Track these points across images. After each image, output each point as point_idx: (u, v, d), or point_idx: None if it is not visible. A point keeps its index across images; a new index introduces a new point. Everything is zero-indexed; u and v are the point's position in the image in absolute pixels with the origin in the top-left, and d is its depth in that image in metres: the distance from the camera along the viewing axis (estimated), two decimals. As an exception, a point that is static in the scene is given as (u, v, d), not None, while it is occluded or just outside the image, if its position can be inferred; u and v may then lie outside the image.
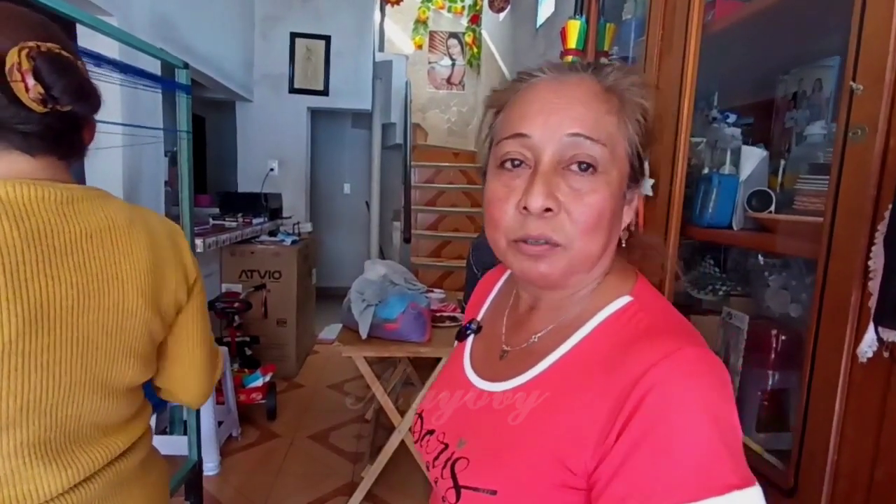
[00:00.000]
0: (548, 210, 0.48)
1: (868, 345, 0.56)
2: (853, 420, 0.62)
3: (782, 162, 1.08)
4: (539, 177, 0.48)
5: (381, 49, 5.50)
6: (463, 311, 2.51)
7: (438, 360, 2.16)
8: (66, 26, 1.56)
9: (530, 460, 0.48)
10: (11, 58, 0.60)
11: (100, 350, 0.68)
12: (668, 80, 1.04)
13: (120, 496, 0.74)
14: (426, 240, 4.42)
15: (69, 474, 0.66)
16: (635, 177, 0.53)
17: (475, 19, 6.24)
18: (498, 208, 0.51)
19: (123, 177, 2.27)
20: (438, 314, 2.44)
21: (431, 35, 6.66)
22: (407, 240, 3.51)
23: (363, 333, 2.07)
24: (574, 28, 1.47)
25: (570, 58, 1.45)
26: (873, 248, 0.55)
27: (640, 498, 0.41)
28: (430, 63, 6.71)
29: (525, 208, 0.48)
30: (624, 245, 0.55)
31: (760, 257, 1.08)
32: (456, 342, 0.70)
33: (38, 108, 0.62)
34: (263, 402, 2.87)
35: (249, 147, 4.39)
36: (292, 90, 4.34)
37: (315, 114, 4.63)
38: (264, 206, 3.74)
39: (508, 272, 0.70)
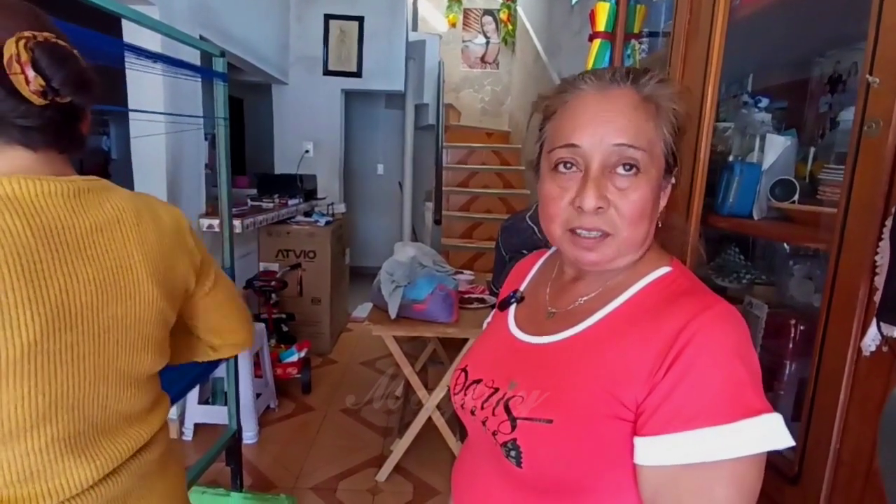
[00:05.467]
0: (599, 208, 0.56)
1: (871, 339, 0.57)
2: (856, 411, 0.63)
3: (812, 149, 1.06)
4: (590, 181, 0.56)
5: (415, 28, 5.48)
6: (491, 293, 2.55)
7: (466, 340, 2.21)
8: (112, 20, 1.64)
9: (585, 394, 0.55)
10: (9, 49, 0.58)
11: (120, 342, 0.69)
12: (693, 66, 1.03)
13: (143, 489, 0.75)
14: (458, 221, 4.45)
15: (97, 466, 0.67)
16: (670, 168, 0.60)
17: (510, -5, 6.13)
18: (553, 205, 0.60)
19: (167, 160, 2.38)
20: (466, 296, 2.48)
21: (466, 12, 6.56)
22: (437, 221, 3.55)
23: (392, 313, 2.13)
24: (603, 10, 1.45)
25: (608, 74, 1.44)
26: (880, 244, 0.56)
27: (685, 419, 0.48)
28: (464, 41, 6.63)
29: (579, 207, 0.57)
30: (660, 225, 0.63)
31: (786, 246, 1.06)
32: (494, 312, 0.78)
33: (38, 101, 0.60)
34: (299, 376, 2.99)
35: (285, 129, 4.48)
36: (326, 72, 4.38)
37: (349, 95, 4.67)
38: (300, 187, 3.83)
39: (545, 256, 0.78)
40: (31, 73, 0.59)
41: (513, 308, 0.73)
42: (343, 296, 4.23)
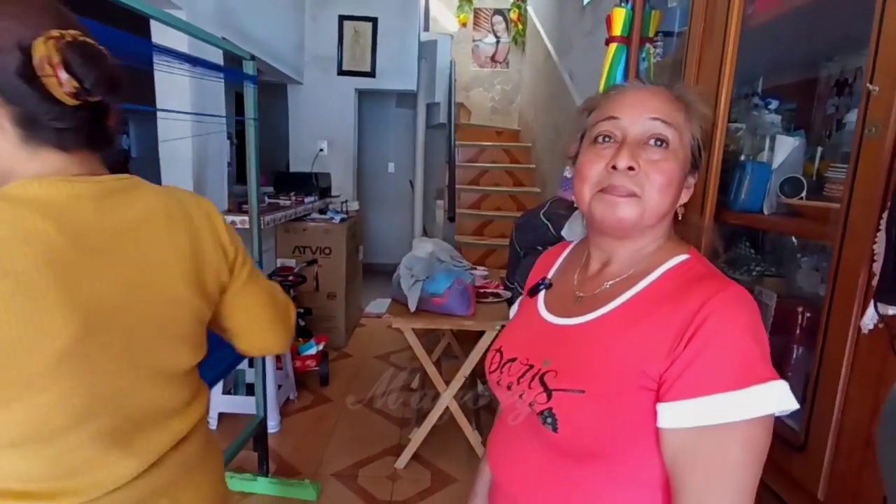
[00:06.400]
0: (631, 168, 0.63)
1: (869, 318, 0.64)
2: (856, 384, 0.69)
3: (819, 149, 1.12)
4: (626, 146, 0.64)
5: (427, 28, 5.55)
6: (506, 288, 2.62)
7: (481, 333, 2.28)
8: (141, 22, 1.72)
9: (613, 367, 0.61)
10: (39, 50, 0.56)
11: (153, 341, 0.69)
12: (707, 71, 1.10)
13: (185, 479, 0.76)
14: (469, 218, 4.52)
15: (139, 459, 0.68)
16: (695, 164, 0.68)
17: (520, -5, 6.18)
18: (588, 168, 0.66)
19: (193, 159, 2.47)
20: (482, 290, 2.55)
21: (476, 12, 6.63)
22: (451, 218, 3.62)
23: (412, 307, 2.21)
24: (619, 16, 1.52)
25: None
26: (878, 235, 0.62)
27: (703, 386, 0.55)
28: (474, 41, 6.69)
29: (614, 167, 0.63)
30: (680, 218, 0.70)
31: (794, 240, 1.13)
32: (522, 300, 0.86)
33: (71, 102, 0.59)
34: (317, 368, 3.08)
35: (300, 128, 4.57)
36: (340, 72, 4.46)
37: (361, 94, 4.75)
38: (315, 185, 3.92)
39: (570, 247, 0.85)
40: (63, 75, 0.57)
41: (542, 294, 0.80)
42: (357, 291, 4.32)
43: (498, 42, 6.69)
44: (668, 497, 0.60)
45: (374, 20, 4.40)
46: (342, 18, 4.38)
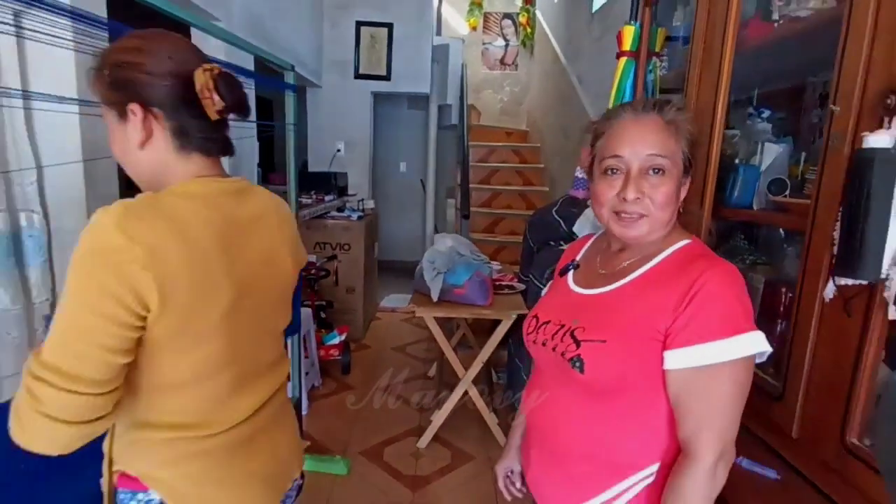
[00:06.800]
0: (637, 198, 0.80)
1: (830, 290, 0.81)
2: (822, 342, 0.87)
3: (803, 154, 1.29)
4: (631, 180, 0.81)
5: (439, 33, 5.72)
6: (520, 281, 2.80)
7: (495, 324, 2.45)
8: (182, 30, 1.90)
9: (630, 323, 0.78)
10: (199, 78, 0.75)
11: (270, 307, 0.87)
12: (706, 89, 1.27)
13: (278, 420, 0.94)
14: (480, 216, 4.69)
15: (253, 402, 0.86)
16: (687, 171, 0.84)
17: (529, 0, 6.34)
18: (603, 195, 0.84)
19: (228, 161, 2.64)
20: (497, 283, 2.73)
21: (486, 16, 6.80)
22: (466, 216, 3.80)
23: (434, 297, 2.39)
24: (629, 32, 1.69)
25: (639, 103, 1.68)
26: (836, 224, 0.79)
27: (699, 336, 0.72)
28: (484, 44, 6.87)
29: (623, 198, 0.80)
30: (682, 211, 0.86)
31: (781, 232, 1.30)
32: (552, 281, 1.04)
33: (215, 118, 0.75)
34: (339, 357, 3.26)
35: (318, 129, 4.76)
36: (357, 76, 4.65)
37: (375, 96, 4.94)
38: (334, 184, 4.11)
39: (593, 238, 1.03)
40: (216, 98, 0.76)
41: (571, 273, 0.98)
42: (374, 286, 4.50)
43: (507, 45, 6.86)
44: (668, 427, 0.78)
45: (389, 26, 4.58)
46: (359, 24, 4.56)
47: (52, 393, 0.67)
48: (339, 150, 4.71)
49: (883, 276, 0.72)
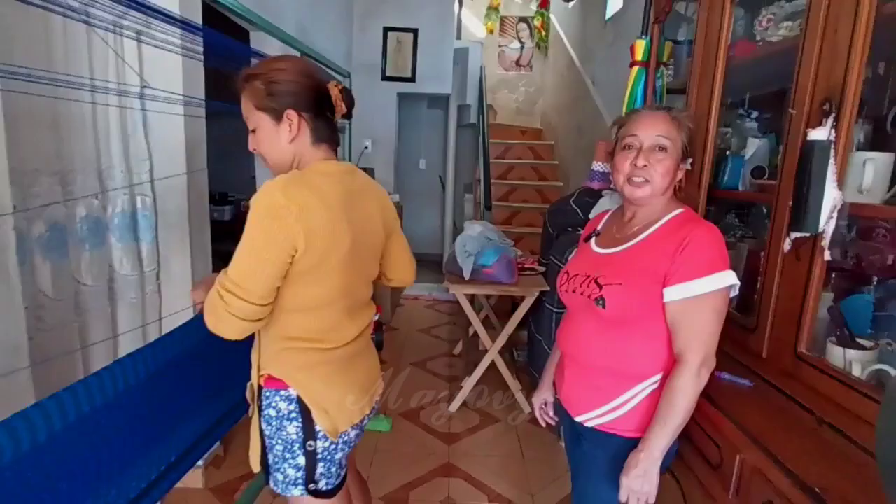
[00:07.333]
0: (645, 166, 1.08)
1: (787, 244, 1.12)
2: (784, 285, 1.16)
3: (782, 147, 1.58)
4: (642, 153, 1.09)
5: (459, 37, 6.02)
6: (540, 264, 3.10)
7: (514, 307, 2.75)
8: (243, 35, 2.21)
9: (640, 270, 1.07)
10: (333, 91, 1.10)
11: (368, 258, 1.18)
12: (703, 96, 1.57)
13: (367, 350, 1.26)
14: (498, 209, 4.99)
15: (356, 328, 1.17)
16: (685, 156, 1.12)
17: (544, 3, 6.62)
18: (621, 164, 1.12)
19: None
20: (521, 265, 3.03)
21: (502, 20, 7.10)
22: (488, 207, 4.11)
23: (466, 276, 2.70)
24: (640, 45, 1.99)
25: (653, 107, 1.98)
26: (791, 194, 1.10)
27: (688, 275, 1.00)
28: (500, 46, 7.17)
29: (634, 165, 1.09)
30: (680, 190, 1.16)
31: (764, 209, 1.60)
32: (577, 247, 1.33)
33: (336, 118, 1.11)
34: (374, 335, 3.56)
35: (348, 128, 5.06)
36: (384, 78, 4.96)
37: (400, 97, 5.24)
38: (364, 178, 4.42)
39: (609, 213, 1.30)
40: (343, 106, 1.12)
41: (593, 239, 1.27)
42: (399, 274, 4.80)
43: (522, 47, 7.16)
44: (667, 346, 1.07)
45: (415, 31, 4.89)
46: (386, 30, 4.87)
47: (236, 300, 0.99)
48: (366, 148, 5.03)
49: (821, 229, 1.02)
